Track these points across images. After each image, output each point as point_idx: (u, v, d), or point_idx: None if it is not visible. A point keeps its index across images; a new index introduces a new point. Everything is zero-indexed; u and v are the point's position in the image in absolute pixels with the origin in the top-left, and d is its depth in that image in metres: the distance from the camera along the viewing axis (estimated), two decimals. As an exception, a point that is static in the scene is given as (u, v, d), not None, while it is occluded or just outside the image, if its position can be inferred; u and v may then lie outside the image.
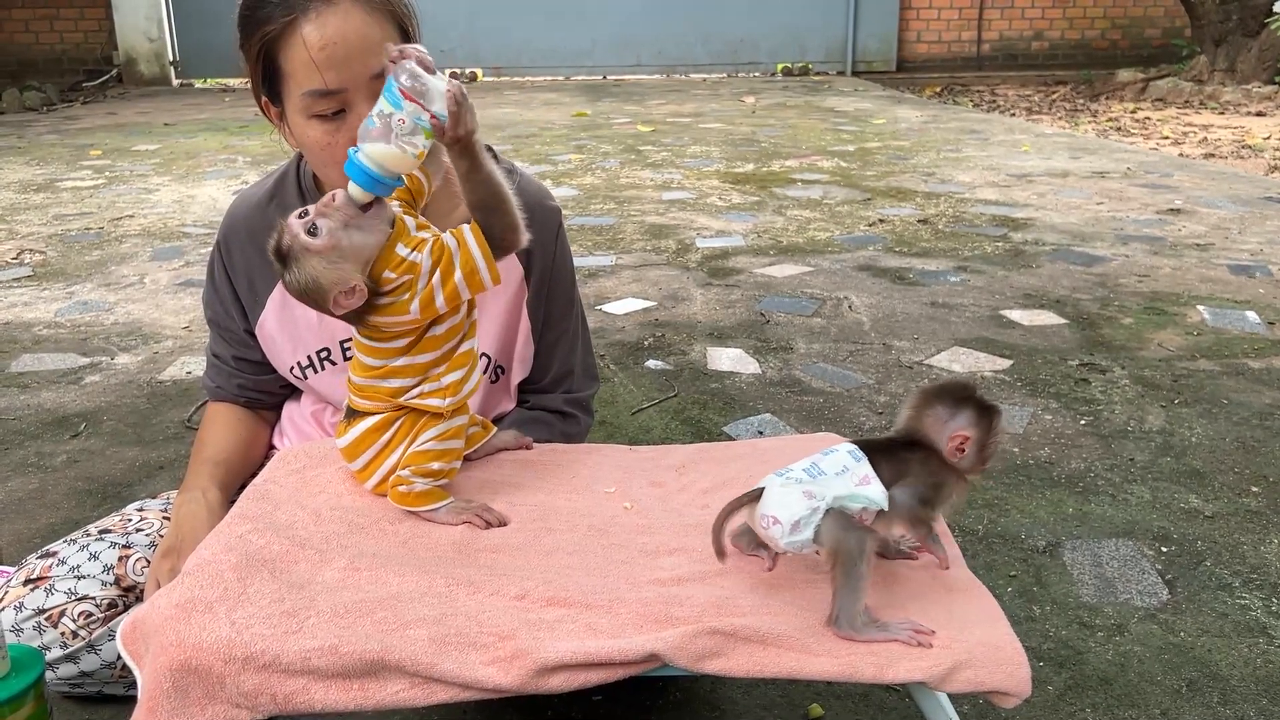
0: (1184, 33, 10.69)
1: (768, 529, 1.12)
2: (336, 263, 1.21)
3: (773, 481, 1.14)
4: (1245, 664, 1.64)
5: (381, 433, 1.32)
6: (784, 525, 1.10)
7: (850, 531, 1.10)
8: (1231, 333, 3.15)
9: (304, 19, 1.33)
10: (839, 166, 5.99)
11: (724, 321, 3.30)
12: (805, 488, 1.11)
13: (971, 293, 3.57)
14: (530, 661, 1.05)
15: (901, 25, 11.62)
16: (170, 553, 1.41)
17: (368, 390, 1.32)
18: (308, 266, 1.21)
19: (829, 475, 1.12)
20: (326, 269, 1.21)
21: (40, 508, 2.18)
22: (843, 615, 1.09)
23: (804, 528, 1.09)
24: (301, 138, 1.41)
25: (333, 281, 1.21)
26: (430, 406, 1.31)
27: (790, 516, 1.10)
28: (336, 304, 1.23)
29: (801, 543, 1.10)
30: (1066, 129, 7.65)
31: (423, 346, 1.30)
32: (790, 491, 1.11)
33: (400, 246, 1.25)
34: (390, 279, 1.24)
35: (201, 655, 1.05)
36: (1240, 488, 2.20)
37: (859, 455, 1.14)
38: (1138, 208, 4.85)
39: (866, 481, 1.12)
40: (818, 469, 1.13)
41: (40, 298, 3.66)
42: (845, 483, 1.12)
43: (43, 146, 7.06)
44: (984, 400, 1.18)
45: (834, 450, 1.15)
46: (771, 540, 1.13)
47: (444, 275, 1.24)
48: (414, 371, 1.30)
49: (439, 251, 1.24)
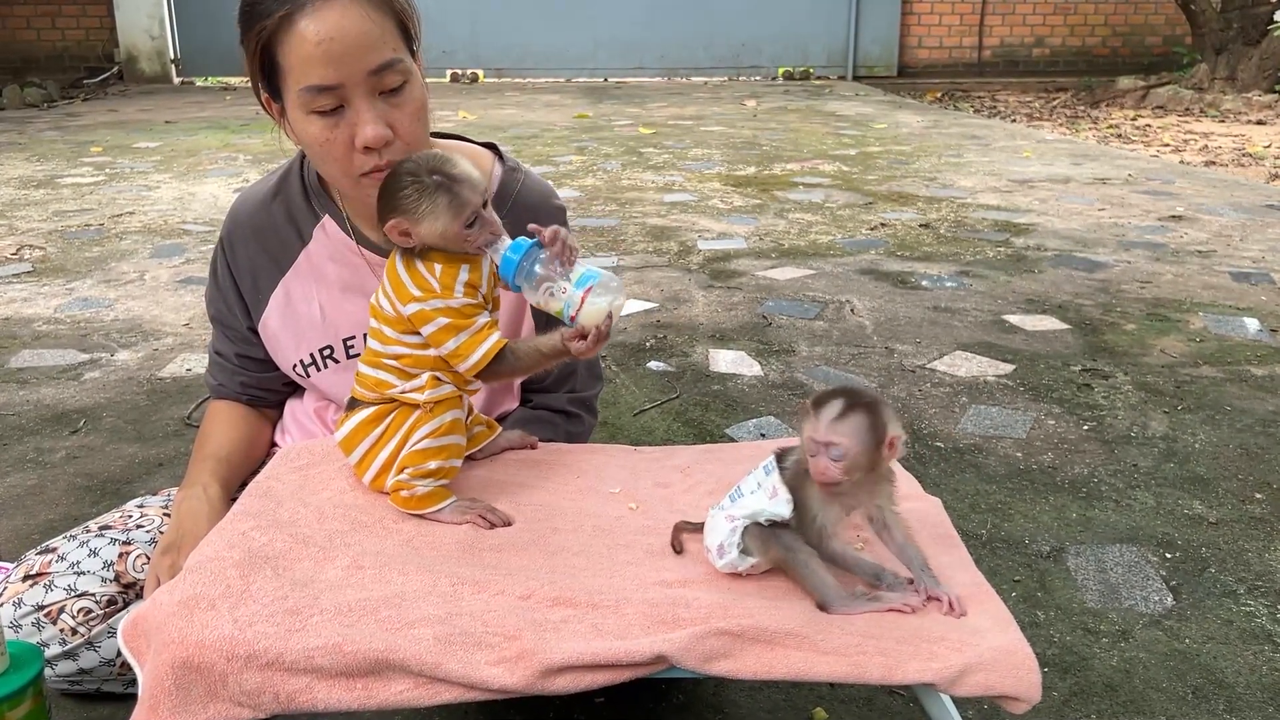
0: (1185, 40, 10.70)
1: (709, 559, 1.20)
2: (430, 220, 1.26)
3: (711, 513, 1.22)
4: (1251, 671, 1.63)
5: (374, 425, 1.34)
6: (713, 552, 1.19)
7: (771, 542, 1.16)
8: (1234, 340, 3.14)
9: (302, 14, 1.32)
10: (840, 170, 5.99)
11: (726, 324, 3.29)
12: (727, 513, 1.18)
13: (973, 297, 3.56)
14: (536, 662, 1.04)
15: (903, 30, 11.62)
16: (170, 549, 1.40)
17: (363, 378, 1.36)
18: (425, 203, 1.26)
19: (745, 495, 1.19)
20: (428, 209, 1.26)
21: (39, 504, 2.17)
22: (822, 598, 1.14)
23: (728, 550, 1.17)
24: (301, 134, 1.40)
25: (420, 216, 1.27)
26: (410, 400, 1.33)
27: (715, 542, 1.18)
28: (392, 228, 1.28)
29: (731, 563, 1.17)
30: (1067, 135, 7.65)
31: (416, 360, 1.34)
32: (717, 518, 1.20)
33: (464, 270, 1.30)
34: (433, 270, 1.29)
35: (204, 653, 1.04)
36: (1244, 494, 2.20)
37: (770, 468, 1.19)
38: (1139, 214, 4.85)
39: (774, 494, 1.16)
40: (739, 491, 1.20)
41: (40, 294, 3.64)
42: (759, 499, 1.17)
43: (43, 143, 7.05)
44: (815, 399, 1.15)
45: (756, 468, 1.21)
46: (714, 567, 1.20)
47: (452, 328, 1.29)
48: (400, 374, 1.33)
49: (472, 313, 1.30)
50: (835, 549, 1.17)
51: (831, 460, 1.11)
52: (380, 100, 1.36)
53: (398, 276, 1.31)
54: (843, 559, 1.18)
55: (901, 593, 1.15)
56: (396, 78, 1.36)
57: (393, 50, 1.36)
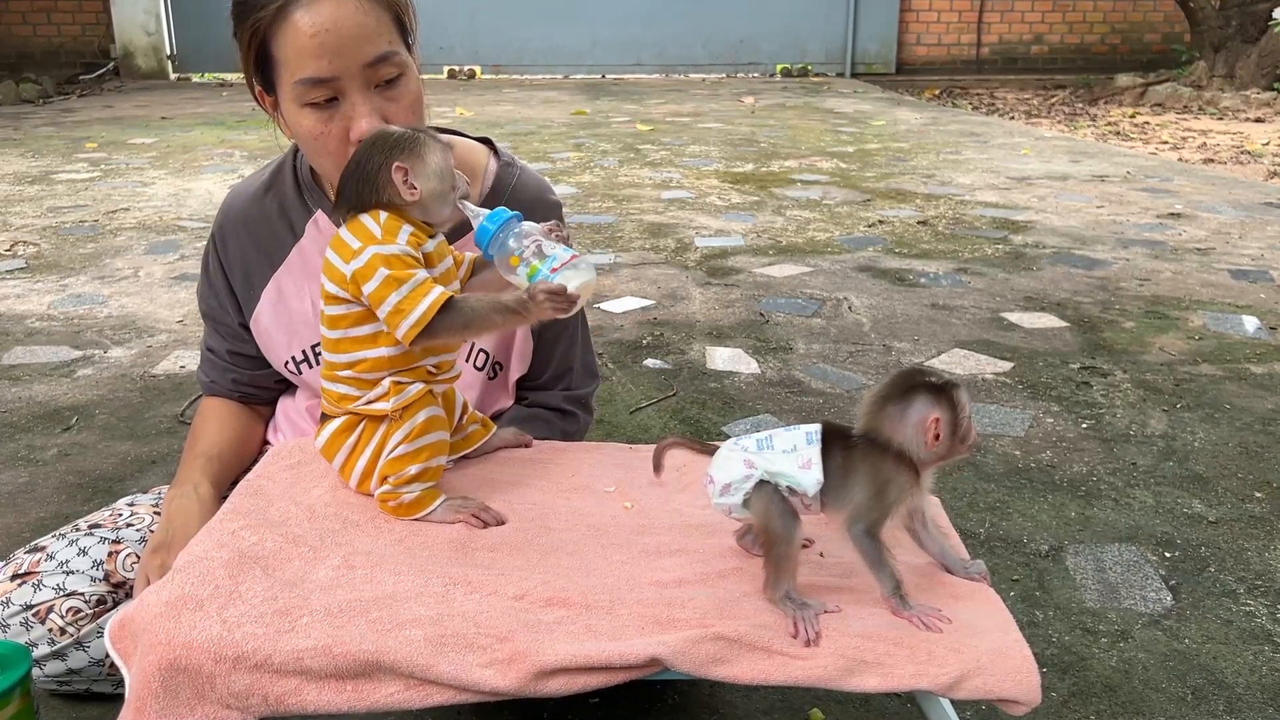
0: (1183, 38, 10.69)
1: (706, 485, 1.18)
2: (423, 174, 1.24)
3: (725, 445, 1.19)
4: (1251, 671, 1.62)
5: (347, 434, 1.30)
6: (716, 485, 1.16)
7: (780, 517, 1.13)
8: (1233, 338, 3.13)
9: (297, 6, 1.30)
10: (838, 168, 5.97)
11: (723, 321, 3.27)
12: (748, 456, 1.15)
13: (972, 295, 3.55)
14: (529, 664, 1.03)
15: (901, 28, 11.62)
16: (160, 548, 1.39)
17: (324, 392, 1.31)
18: (426, 151, 1.24)
19: (775, 451, 1.15)
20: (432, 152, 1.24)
21: (30, 501, 2.15)
22: (769, 585, 1.13)
23: (733, 492, 1.15)
24: (295, 127, 1.39)
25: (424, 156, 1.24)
26: (377, 411, 1.27)
27: (723, 479, 1.15)
28: (398, 168, 1.23)
29: (728, 505, 1.16)
30: (1066, 133, 7.63)
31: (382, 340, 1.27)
32: (734, 457, 1.16)
33: (406, 226, 1.24)
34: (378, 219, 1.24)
35: (191, 654, 1.02)
36: (1244, 493, 2.18)
37: (813, 439, 1.15)
38: (1138, 212, 4.84)
39: (807, 466, 1.13)
40: (769, 443, 1.16)
41: (33, 290, 3.62)
42: (788, 461, 1.14)
43: (38, 139, 7.02)
44: (933, 381, 1.14)
45: (796, 428, 1.17)
46: (709, 497, 1.18)
47: (388, 281, 1.20)
48: (359, 384, 1.28)
49: (410, 266, 1.22)
50: (883, 540, 1.13)
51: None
52: (375, 93, 1.35)
53: (339, 239, 1.25)
54: (882, 552, 1.13)
55: (922, 610, 1.10)
56: (392, 70, 1.35)
57: (388, 43, 1.35)
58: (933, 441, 1.12)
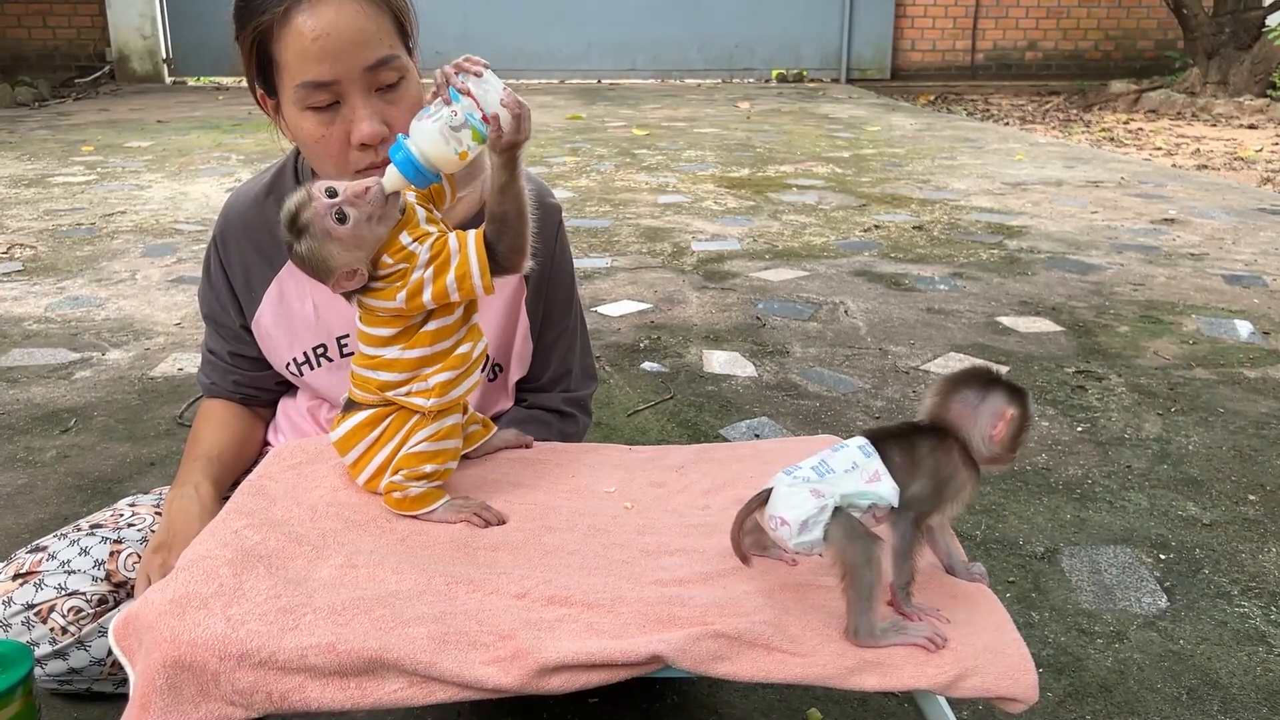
0: (1177, 45, 10.74)
1: (776, 530, 1.09)
2: (352, 250, 1.21)
3: (781, 480, 1.11)
4: (1245, 672, 1.63)
5: (372, 428, 1.31)
6: (792, 526, 1.08)
7: (855, 541, 1.06)
8: (1227, 342, 3.15)
9: (298, 9, 1.31)
10: (834, 172, 5.99)
11: (720, 324, 3.29)
12: (813, 486, 1.08)
13: (967, 299, 3.56)
14: (531, 661, 1.03)
15: (896, 33, 11.64)
16: (161, 548, 1.39)
17: (359, 379, 1.31)
18: (324, 248, 1.20)
19: (837, 473, 1.09)
20: (341, 254, 1.21)
21: (29, 503, 2.15)
22: (861, 627, 1.06)
23: (812, 527, 1.07)
24: (296, 130, 1.40)
25: (342, 265, 1.21)
26: (415, 405, 1.28)
27: (798, 517, 1.07)
28: (337, 284, 1.23)
29: (811, 543, 1.08)
30: (1060, 138, 7.66)
31: (415, 342, 1.27)
32: (798, 491, 1.08)
33: (404, 235, 1.24)
34: (387, 264, 1.23)
35: (196, 651, 1.03)
36: (1238, 496, 2.20)
37: (869, 450, 1.11)
38: (1132, 217, 4.86)
39: (876, 478, 1.09)
40: (826, 466, 1.10)
41: (31, 293, 3.62)
42: (854, 480, 1.09)
43: (34, 142, 7.02)
44: (1013, 383, 1.15)
45: (844, 446, 1.13)
46: (781, 542, 1.10)
47: (437, 272, 1.22)
48: (403, 367, 1.28)
49: (439, 248, 1.23)
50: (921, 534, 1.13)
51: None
52: (376, 97, 1.36)
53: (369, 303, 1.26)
54: (916, 546, 1.12)
55: (926, 631, 1.09)
56: (393, 74, 1.36)
57: (389, 47, 1.36)
58: (999, 436, 1.12)
